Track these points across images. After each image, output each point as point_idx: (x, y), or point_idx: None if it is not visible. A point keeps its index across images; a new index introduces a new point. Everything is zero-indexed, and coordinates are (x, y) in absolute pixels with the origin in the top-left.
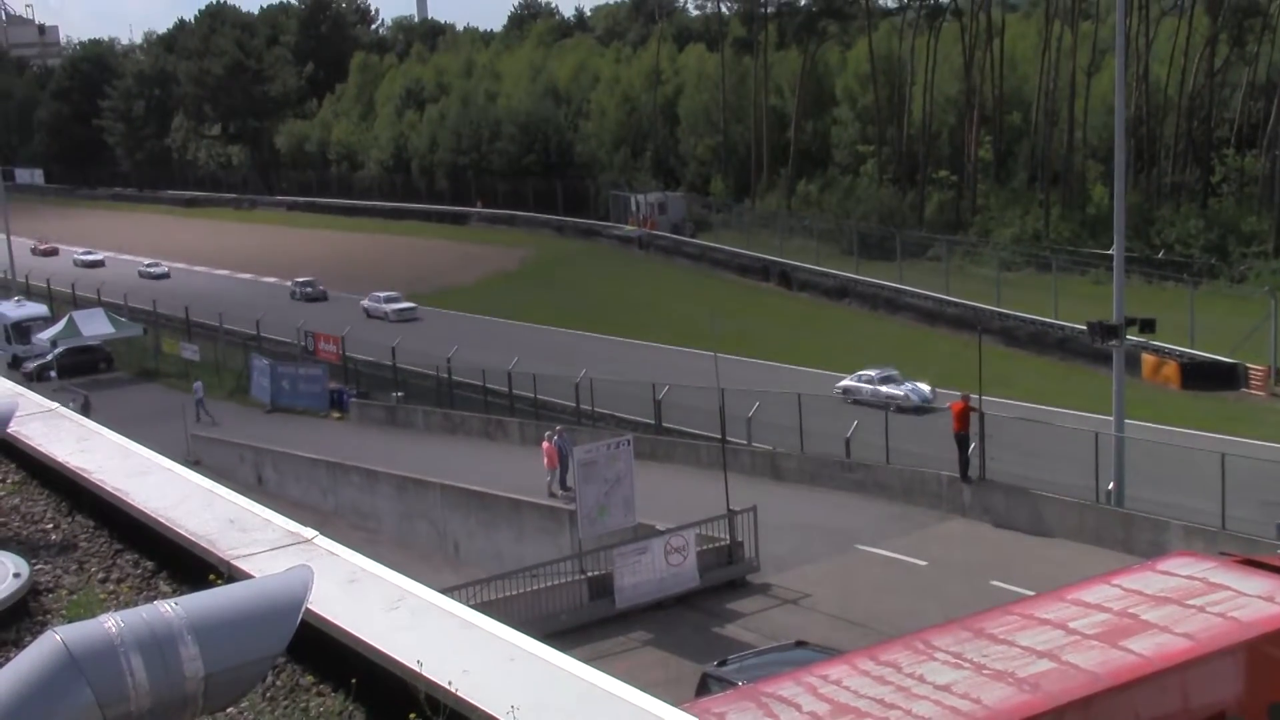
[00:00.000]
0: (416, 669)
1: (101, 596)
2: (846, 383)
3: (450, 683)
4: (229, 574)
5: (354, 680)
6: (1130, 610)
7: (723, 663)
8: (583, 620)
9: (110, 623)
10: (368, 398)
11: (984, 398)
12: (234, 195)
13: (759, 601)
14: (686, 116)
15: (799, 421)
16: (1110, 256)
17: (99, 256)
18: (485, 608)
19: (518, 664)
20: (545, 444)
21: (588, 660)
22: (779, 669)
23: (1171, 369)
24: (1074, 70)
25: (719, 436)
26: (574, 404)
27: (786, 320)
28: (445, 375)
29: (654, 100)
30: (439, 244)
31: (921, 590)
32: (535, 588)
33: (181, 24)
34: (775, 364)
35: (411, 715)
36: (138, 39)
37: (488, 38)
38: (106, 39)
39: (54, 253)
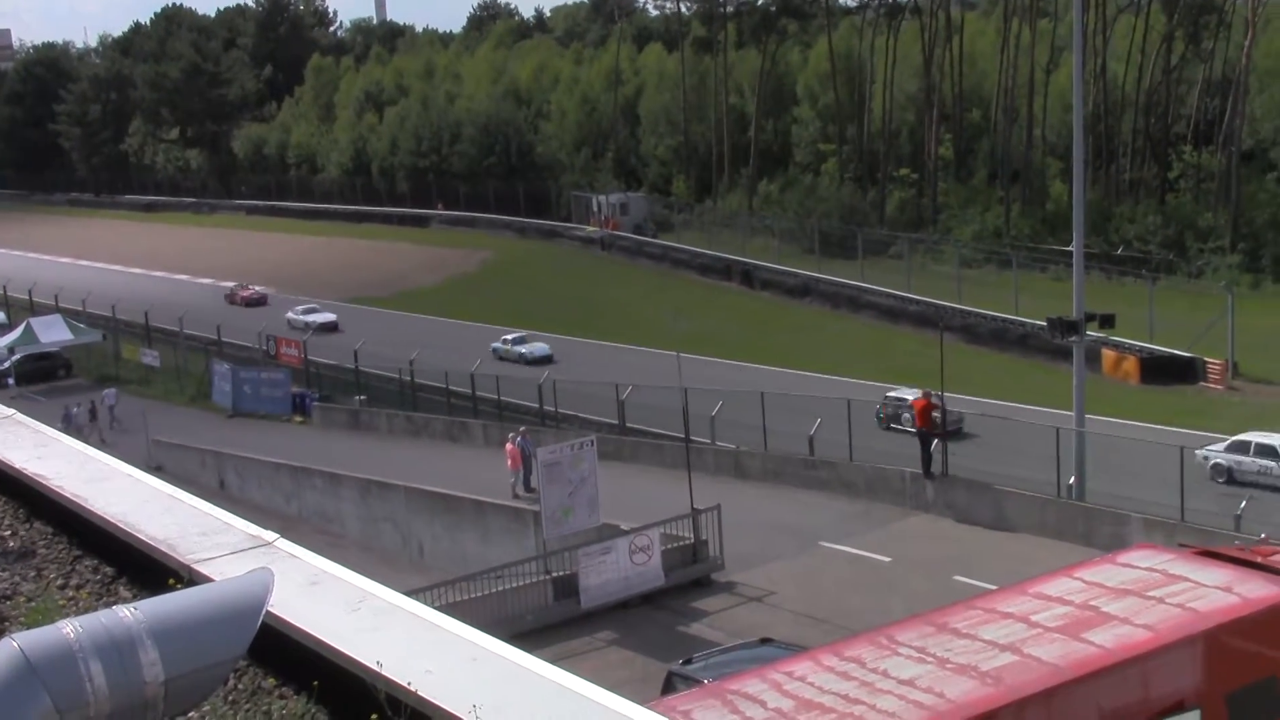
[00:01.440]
0: (377, 669)
1: (60, 603)
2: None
3: (411, 683)
4: (189, 578)
5: (316, 682)
6: (1091, 603)
7: (688, 661)
8: (548, 621)
9: (69, 629)
10: (330, 401)
11: (946, 395)
12: (193, 199)
13: (724, 600)
14: (647, 117)
15: (762, 420)
16: (1070, 253)
17: (331, 316)
18: (450, 610)
19: (480, 664)
20: (509, 445)
21: (553, 660)
22: (744, 666)
23: (1131, 364)
24: (1032, 68)
25: (682, 436)
26: (537, 405)
27: (749, 319)
28: (408, 378)
29: (614, 101)
30: (401, 247)
31: (885, 586)
32: (500, 589)
33: (137, 27)
34: (738, 363)
35: (374, 716)
36: (93, 42)
37: (447, 39)
38: (61, 42)
39: (261, 301)
